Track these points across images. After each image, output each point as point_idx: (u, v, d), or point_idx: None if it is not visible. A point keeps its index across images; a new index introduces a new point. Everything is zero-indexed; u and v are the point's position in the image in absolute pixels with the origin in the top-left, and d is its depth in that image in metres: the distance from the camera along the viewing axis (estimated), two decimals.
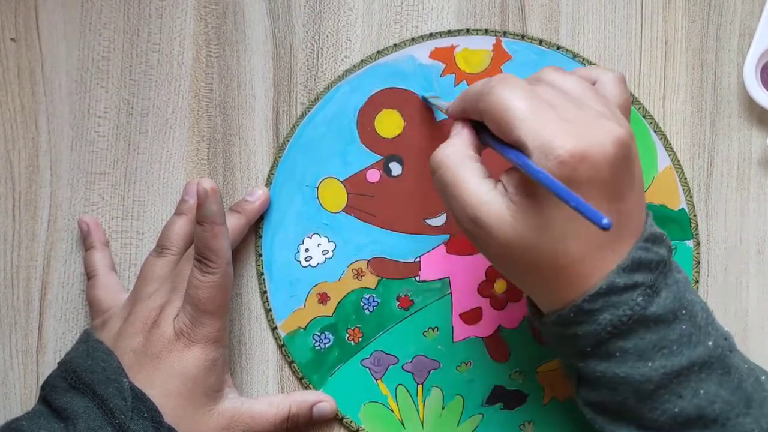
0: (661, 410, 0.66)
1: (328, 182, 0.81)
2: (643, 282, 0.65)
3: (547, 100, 0.65)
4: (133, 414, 0.71)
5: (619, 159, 0.63)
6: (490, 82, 0.66)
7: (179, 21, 0.83)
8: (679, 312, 0.66)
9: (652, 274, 0.66)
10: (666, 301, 0.66)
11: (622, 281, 0.65)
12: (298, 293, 0.81)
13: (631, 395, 0.66)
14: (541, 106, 0.64)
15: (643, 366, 0.66)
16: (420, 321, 0.81)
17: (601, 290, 0.65)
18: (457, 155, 0.67)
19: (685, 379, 0.66)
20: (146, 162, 0.83)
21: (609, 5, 0.82)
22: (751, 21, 0.82)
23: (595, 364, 0.67)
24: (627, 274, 0.65)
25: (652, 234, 0.67)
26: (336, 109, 0.82)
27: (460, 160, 0.67)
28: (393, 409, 0.81)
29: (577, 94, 0.67)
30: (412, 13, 0.83)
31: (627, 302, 0.65)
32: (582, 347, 0.67)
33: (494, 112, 0.65)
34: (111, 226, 0.83)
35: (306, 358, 0.81)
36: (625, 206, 0.65)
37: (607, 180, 0.63)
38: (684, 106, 0.82)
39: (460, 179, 0.66)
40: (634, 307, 0.65)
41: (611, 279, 0.65)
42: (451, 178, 0.66)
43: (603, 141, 0.63)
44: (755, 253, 0.81)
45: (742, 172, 0.81)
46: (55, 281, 0.83)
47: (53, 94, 0.83)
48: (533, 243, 0.64)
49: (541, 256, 0.65)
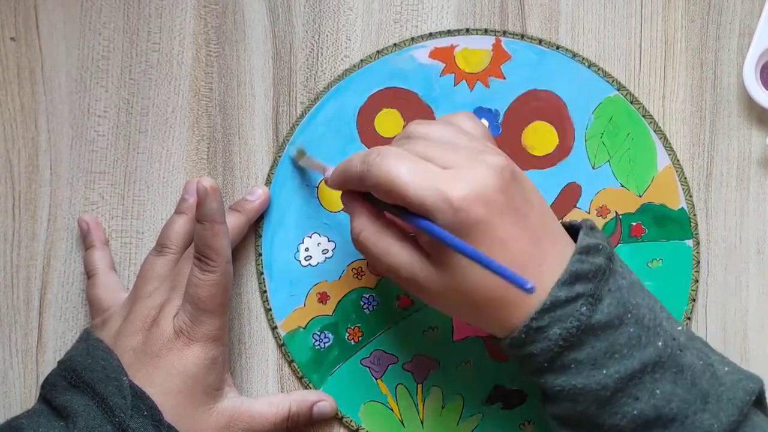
0: (621, 414, 0.67)
1: None
2: (584, 292, 0.67)
3: (424, 155, 0.68)
4: (133, 412, 0.71)
5: (505, 185, 0.67)
6: (368, 157, 0.69)
7: (179, 20, 0.83)
8: (624, 316, 0.67)
9: (592, 284, 0.67)
10: (609, 307, 0.67)
11: (563, 294, 0.66)
12: (298, 292, 0.81)
13: (592, 404, 0.67)
14: (421, 165, 0.67)
15: (598, 374, 0.67)
16: (420, 320, 0.81)
17: (546, 306, 0.66)
18: (371, 234, 0.71)
19: (639, 381, 0.67)
20: (146, 161, 0.83)
21: (609, 5, 0.82)
22: (751, 20, 0.82)
23: (553, 378, 0.68)
24: (567, 287, 0.67)
25: (585, 246, 0.68)
26: (336, 109, 0.82)
27: (376, 236, 0.71)
28: (393, 408, 0.81)
29: (447, 139, 0.70)
30: (412, 12, 0.83)
31: (572, 313, 0.66)
32: (539, 364, 0.68)
33: (382, 185, 0.67)
34: (111, 226, 0.83)
35: (306, 358, 0.81)
36: (532, 222, 0.68)
37: (503, 207, 0.66)
38: (684, 105, 0.82)
39: (386, 252, 0.70)
40: (579, 317, 0.66)
41: (554, 294, 0.66)
42: (377, 254, 0.70)
43: (484, 174, 0.66)
44: (755, 253, 0.81)
45: (741, 171, 0.81)
46: (54, 280, 0.83)
47: (53, 93, 0.83)
48: (461, 286, 0.68)
49: (473, 295, 0.68)
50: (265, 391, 0.82)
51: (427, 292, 0.69)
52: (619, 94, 0.81)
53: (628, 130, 0.81)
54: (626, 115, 0.81)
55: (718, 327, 0.81)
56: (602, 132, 0.81)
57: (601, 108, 0.81)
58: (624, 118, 0.81)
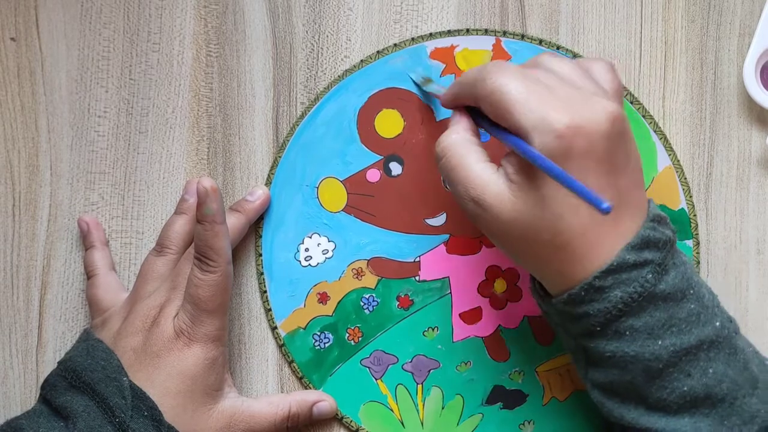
0: (669, 389, 0.67)
1: (328, 182, 0.81)
2: (652, 259, 0.66)
3: (543, 82, 0.66)
4: (133, 413, 0.71)
5: (613, 134, 0.65)
6: (485, 68, 0.68)
7: (179, 21, 0.83)
8: (687, 291, 0.67)
9: (660, 253, 0.66)
10: (675, 279, 0.66)
11: (632, 258, 0.66)
12: (298, 293, 0.81)
13: (640, 374, 0.67)
14: (536, 87, 0.65)
15: (653, 344, 0.66)
16: (420, 321, 0.81)
17: (612, 267, 0.66)
18: (460, 141, 0.70)
19: (694, 358, 0.67)
20: (146, 162, 0.83)
21: (609, 5, 0.82)
22: (751, 21, 0.82)
23: (605, 343, 0.67)
24: (636, 251, 0.66)
25: (657, 215, 0.68)
26: (336, 109, 0.82)
27: (463, 146, 0.69)
28: (393, 408, 0.81)
29: (572, 78, 0.68)
30: (412, 12, 0.83)
31: (637, 279, 0.66)
32: (592, 326, 0.67)
33: (491, 96, 0.66)
34: (111, 226, 0.83)
35: (306, 358, 0.81)
36: (622, 182, 0.67)
37: (603, 154, 0.65)
38: (684, 105, 0.82)
39: (464, 163, 0.69)
40: (644, 284, 0.66)
41: (621, 256, 0.66)
42: (456, 163, 0.69)
43: (598, 116, 0.65)
44: (755, 253, 0.81)
45: (741, 171, 0.81)
46: (54, 281, 0.83)
47: (53, 93, 0.83)
48: (532, 220, 0.66)
49: (540, 233, 0.66)
50: (265, 391, 0.82)
51: (493, 221, 0.68)
52: None
53: None
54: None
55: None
56: None
57: None
58: None
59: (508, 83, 0.66)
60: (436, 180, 0.81)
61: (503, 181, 0.67)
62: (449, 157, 0.70)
